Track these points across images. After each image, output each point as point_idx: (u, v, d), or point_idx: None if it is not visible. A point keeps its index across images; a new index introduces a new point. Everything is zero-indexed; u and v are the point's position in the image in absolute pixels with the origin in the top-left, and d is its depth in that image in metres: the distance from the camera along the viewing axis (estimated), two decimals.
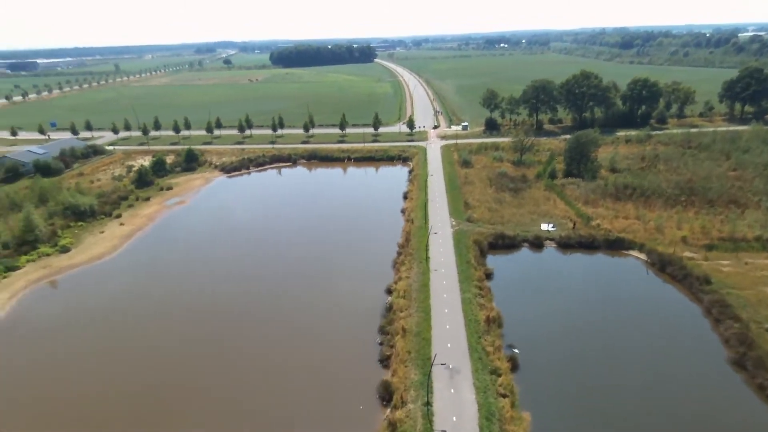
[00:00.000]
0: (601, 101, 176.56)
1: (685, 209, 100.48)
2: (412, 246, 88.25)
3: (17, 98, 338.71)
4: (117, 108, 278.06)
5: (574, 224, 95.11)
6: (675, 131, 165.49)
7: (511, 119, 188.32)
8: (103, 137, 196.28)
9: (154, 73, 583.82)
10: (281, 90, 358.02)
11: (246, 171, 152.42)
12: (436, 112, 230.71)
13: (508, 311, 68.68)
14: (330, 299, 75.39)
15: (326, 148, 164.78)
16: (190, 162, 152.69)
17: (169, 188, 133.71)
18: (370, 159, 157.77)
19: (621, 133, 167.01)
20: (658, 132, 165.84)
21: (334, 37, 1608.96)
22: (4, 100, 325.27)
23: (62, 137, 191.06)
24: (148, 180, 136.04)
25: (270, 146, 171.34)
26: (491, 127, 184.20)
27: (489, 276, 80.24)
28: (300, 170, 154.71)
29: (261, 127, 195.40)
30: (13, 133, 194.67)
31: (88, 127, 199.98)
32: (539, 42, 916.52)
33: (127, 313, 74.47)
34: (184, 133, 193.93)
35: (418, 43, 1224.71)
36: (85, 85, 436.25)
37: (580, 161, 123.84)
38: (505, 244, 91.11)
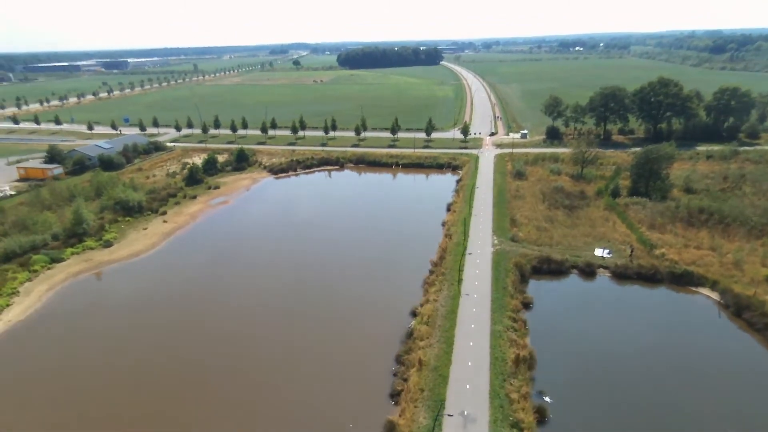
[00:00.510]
0: (680, 112, 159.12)
1: None
2: (447, 265, 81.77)
3: (103, 95, 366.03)
4: (188, 105, 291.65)
5: (632, 251, 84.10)
6: None
7: (575, 128, 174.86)
8: (168, 134, 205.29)
9: (227, 72, 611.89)
10: (343, 91, 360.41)
11: (293, 173, 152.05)
12: (495, 118, 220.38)
13: (545, 350, 60.74)
14: (350, 318, 70.90)
15: (375, 153, 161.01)
16: (241, 161, 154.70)
17: (217, 187, 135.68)
18: (418, 166, 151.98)
19: (702, 148, 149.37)
20: (748, 148, 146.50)
21: (403, 39, 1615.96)
22: (91, 96, 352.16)
23: (131, 133, 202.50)
24: (198, 178, 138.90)
25: (320, 148, 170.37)
26: (552, 136, 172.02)
27: (527, 306, 72.14)
28: (346, 174, 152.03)
29: (315, 128, 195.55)
30: (90, 128, 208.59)
31: (155, 124, 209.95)
32: (618, 46, 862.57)
33: (150, 310, 74.42)
34: (241, 132, 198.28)
35: (488, 45, 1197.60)
36: (164, 84, 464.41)
37: (649, 178, 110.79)
38: (550, 269, 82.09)
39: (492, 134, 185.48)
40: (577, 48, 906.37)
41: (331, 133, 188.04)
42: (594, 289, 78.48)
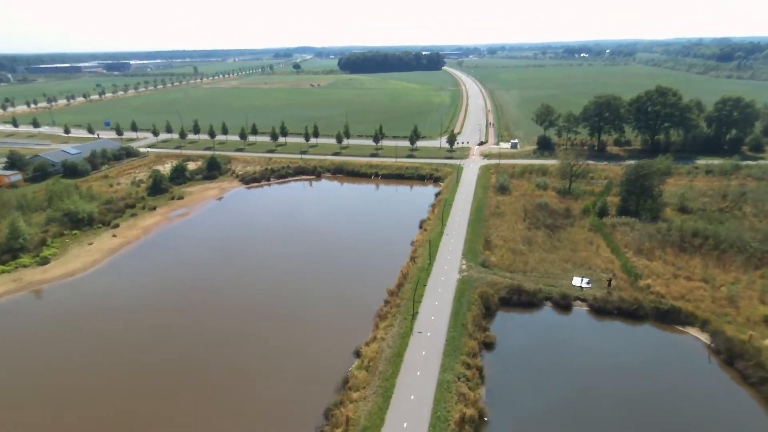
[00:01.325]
0: (678, 123, 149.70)
1: None
2: (405, 293, 73.08)
3: (94, 97, 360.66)
4: (178, 109, 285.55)
5: (610, 282, 75.03)
6: None
7: (568, 139, 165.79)
8: (146, 138, 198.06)
9: (227, 76, 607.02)
10: (338, 96, 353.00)
11: (266, 182, 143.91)
12: (487, 125, 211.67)
13: (501, 403, 51.99)
14: (286, 356, 62.26)
15: (354, 162, 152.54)
16: (212, 170, 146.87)
17: (181, 197, 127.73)
18: (398, 177, 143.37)
19: (701, 162, 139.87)
20: (750, 162, 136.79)
21: (409, 43, 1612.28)
22: (82, 98, 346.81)
23: (110, 137, 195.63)
24: (164, 187, 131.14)
25: (299, 156, 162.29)
26: (544, 146, 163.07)
27: (489, 346, 63.23)
28: (322, 185, 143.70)
29: (297, 135, 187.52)
30: (66, 131, 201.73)
31: (134, 128, 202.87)
32: (624, 53, 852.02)
33: (70, 340, 66.14)
34: (221, 137, 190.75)
35: (493, 51, 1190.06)
36: (160, 86, 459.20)
37: (640, 196, 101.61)
38: (521, 300, 73.12)
39: (481, 143, 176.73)
40: (582, 54, 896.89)
41: (314, 140, 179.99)
42: (568, 325, 69.43)
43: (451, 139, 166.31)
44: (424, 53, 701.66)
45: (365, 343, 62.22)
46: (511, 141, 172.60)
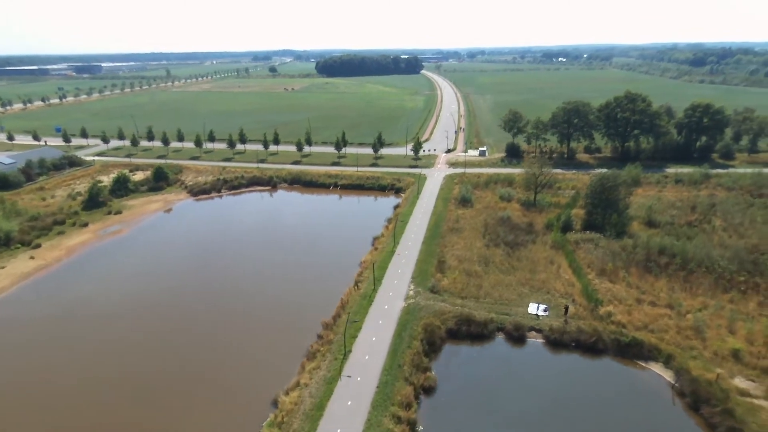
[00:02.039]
0: (648, 129, 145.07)
1: (744, 297, 70.77)
2: (341, 326, 65.07)
3: (54, 101, 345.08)
4: (133, 114, 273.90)
5: (566, 310, 68.33)
6: (743, 171, 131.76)
7: (537, 146, 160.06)
8: (97, 146, 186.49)
9: (200, 79, 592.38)
10: (311, 100, 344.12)
11: (217, 194, 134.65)
12: (457, 131, 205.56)
13: None
14: (195, 410, 53.65)
15: (312, 172, 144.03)
16: (159, 180, 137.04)
17: (119, 212, 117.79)
18: (358, 187, 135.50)
19: (671, 170, 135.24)
20: (720, 171, 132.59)
21: (390, 47, 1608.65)
22: (40, 102, 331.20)
23: (58, 144, 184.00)
24: (101, 200, 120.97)
25: (256, 165, 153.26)
26: (513, 154, 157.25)
27: (429, 390, 55.62)
28: (277, 196, 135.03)
29: (258, 141, 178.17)
30: (10, 138, 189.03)
31: (84, 135, 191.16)
32: (601, 57, 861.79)
33: None
34: (176, 145, 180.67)
35: (473, 55, 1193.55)
36: (127, 90, 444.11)
37: (606, 210, 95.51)
38: (470, 332, 65.82)
39: (448, 151, 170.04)
40: (560, 59, 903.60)
41: (274, 148, 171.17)
42: (520, 360, 62.29)
43: (417, 147, 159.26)
44: (402, 57, 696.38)
45: (285, 390, 53.95)
46: (480, 148, 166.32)
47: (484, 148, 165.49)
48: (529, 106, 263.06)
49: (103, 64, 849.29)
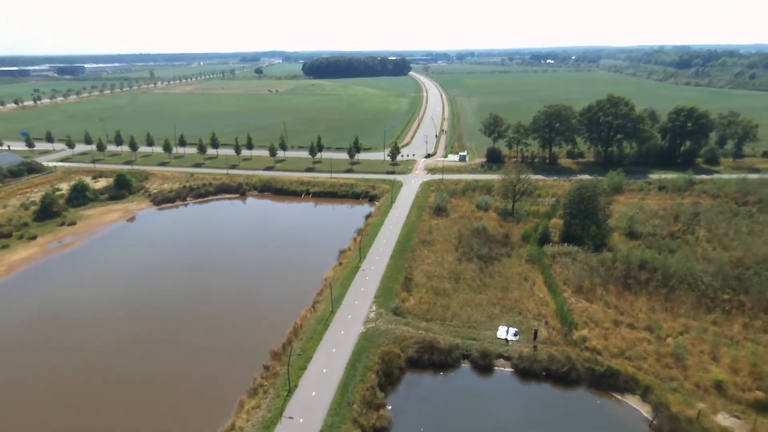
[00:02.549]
0: (631, 134, 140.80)
1: (729, 317, 65.93)
2: (288, 358, 58.98)
3: (28, 103, 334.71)
4: (117, 116, 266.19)
5: (536, 335, 63.04)
6: (728, 177, 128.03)
7: (519, 150, 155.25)
8: (63, 151, 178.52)
9: (184, 80, 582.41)
10: (293, 103, 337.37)
11: (182, 202, 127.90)
12: (439, 134, 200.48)
13: None
14: None
15: (284, 179, 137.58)
16: (121, 188, 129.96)
17: (73, 223, 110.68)
18: (331, 195, 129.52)
19: (655, 176, 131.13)
20: (705, 177, 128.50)
21: (380, 48, 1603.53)
22: (13, 104, 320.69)
23: (22, 149, 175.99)
24: (55, 210, 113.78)
25: (226, 172, 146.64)
26: (493, 159, 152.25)
27: None
28: (247, 205, 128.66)
29: (229, 146, 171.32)
30: None
31: (49, 139, 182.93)
32: (588, 59, 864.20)
33: None
34: (146, 149, 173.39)
35: (462, 56, 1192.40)
36: (107, 91, 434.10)
37: (584, 220, 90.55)
38: (433, 360, 60.19)
39: (428, 156, 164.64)
40: (548, 60, 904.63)
41: (248, 153, 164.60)
42: (487, 392, 56.76)
43: (394, 152, 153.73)
44: (390, 58, 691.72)
45: None
46: (460, 153, 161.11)
47: (465, 153, 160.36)
48: (515, 109, 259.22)
49: (86, 65, 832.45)
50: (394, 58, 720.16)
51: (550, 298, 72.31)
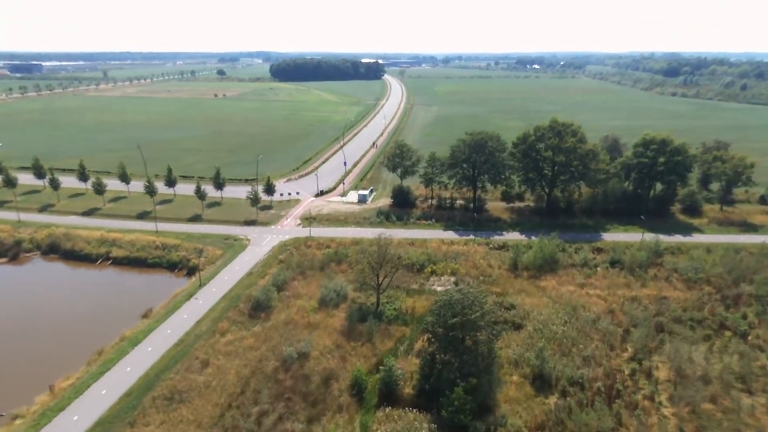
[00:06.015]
0: (580, 175, 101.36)
1: None
2: None
3: None
4: (6, 124, 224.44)
5: None
6: (713, 239, 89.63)
7: (432, 191, 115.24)
8: None
9: (136, 81, 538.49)
10: (229, 110, 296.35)
11: None
12: (346, 167, 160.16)
13: None
14: None
15: (77, 237, 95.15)
16: None
17: None
18: (138, 263, 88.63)
19: (609, 237, 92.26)
20: (681, 238, 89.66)
21: (368, 50, 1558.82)
22: None
23: None
24: None
25: (17, 218, 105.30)
26: (401, 203, 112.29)
27: None
28: (16, 275, 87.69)
29: (108, 173, 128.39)
30: None
31: None
32: (575, 65, 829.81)
33: None
34: None
35: (448, 60, 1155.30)
36: (45, 92, 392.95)
37: (453, 361, 50.82)
38: None
39: (320, 193, 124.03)
40: (534, 66, 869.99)
41: (81, 185, 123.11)
42: None
43: (269, 189, 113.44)
44: (362, 61, 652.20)
45: None
46: (360, 192, 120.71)
47: (366, 192, 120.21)
48: (472, 122, 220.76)
49: (46, 64, 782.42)
50: (368, 60, 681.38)
51: None
